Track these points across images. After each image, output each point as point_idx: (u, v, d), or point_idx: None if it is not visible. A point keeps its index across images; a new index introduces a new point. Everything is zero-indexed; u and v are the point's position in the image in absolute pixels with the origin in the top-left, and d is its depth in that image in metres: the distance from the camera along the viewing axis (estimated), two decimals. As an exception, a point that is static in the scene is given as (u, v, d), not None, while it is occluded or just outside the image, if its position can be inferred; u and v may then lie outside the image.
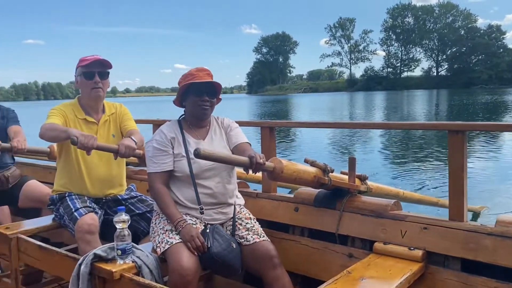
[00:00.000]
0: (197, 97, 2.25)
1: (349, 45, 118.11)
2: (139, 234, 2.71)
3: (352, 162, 2.39)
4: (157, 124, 3.49)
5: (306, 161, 2.32)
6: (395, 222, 2.20)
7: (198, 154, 1.83)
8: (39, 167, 4.24)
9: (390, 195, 2.97)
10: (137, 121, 2.98)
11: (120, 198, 2.79)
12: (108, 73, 2.72)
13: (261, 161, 1.98)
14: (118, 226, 1.98)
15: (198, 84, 2.23)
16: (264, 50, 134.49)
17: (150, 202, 2.77)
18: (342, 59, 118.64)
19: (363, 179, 2.48)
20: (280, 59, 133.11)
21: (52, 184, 3.41)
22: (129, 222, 2.02)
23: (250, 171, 1.99)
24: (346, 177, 2.42)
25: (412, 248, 2.11)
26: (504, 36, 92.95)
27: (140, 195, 2.86)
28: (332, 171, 2.34)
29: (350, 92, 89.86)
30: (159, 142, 2.27)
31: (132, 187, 2.98)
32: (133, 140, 2.53)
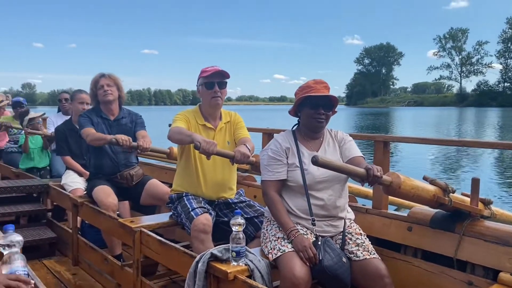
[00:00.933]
0: (312, 109, 2.28)
1: (460, 57, 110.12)
2: (246, 238, 2.80)
3: (475, 184, 2.22)
4: (266, 133, 3.60)
5: (425, 179, 2.21)
6: None
7: (316, 162, 1.85)
8: (156, 167, 4.61)
9: (517, 223, 2.69)
10: (248, 129, 3.10)
11: (230, 201, 2.92)
12: (226, 82, 2.88)
13: (378, 174, 1.94)
14: (234, 228, 2.07)
15: (315, 97, 2.25)
16: (366, 61, 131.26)
17: (258, 207, 2.86)
18: (452, 72, 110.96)
19: (487, 203, 2.29)
20: (383, 71, 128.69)
21: (167, 183, 3.70)
22: (244, 226, 2.10)
23: (366, 184, 1.96)
24: (467, 199, 2.25)
25: (546, 284, 1.89)
26: None
27: (248, 200, 2.96)
28: (454, 192, 2.20)
29: (459, 108, 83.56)
30: (274, 151, 2.33)
31: (241, 192, 3.10)
32: (248, 148, 2.64)
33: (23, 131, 5.20)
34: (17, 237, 1.47)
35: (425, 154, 13.45)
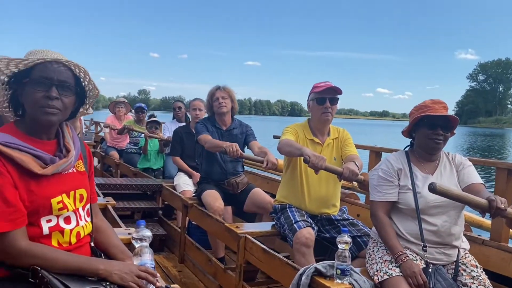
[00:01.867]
0: (430, 130, 2.18)
1: None
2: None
3: None
4: (374, 151, 3.52)
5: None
6: None
7: (433, 189, 1.77)
8: (259, 177, 4.76)
9: None
10: (355, 146, 3.06)
11: (333, 218, 2.91)
12: (338, 99, 2.89)
13: (502, 206, 1.80)
14: (340, 246, 2.06)
15: (433, 116, 2.16)
16: (481, 77, 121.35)
17: (362, 227, 2.80)
18: None
19: None
20: (500, 88, 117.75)
21: (269, 193, 3.80)
22: (351, 245, 2.09)
23: (487, 215, 1.83)
24: None
25: None
26: None
27: (352, 219, 2.92)
28: None
29: None
30: (385, 171, 2.28)
31: (344, 209, 3.07)
32: (357, 166, 2.62)
33: (143, 134, 5.73)
34: (148, 233, 1.64)
35: None
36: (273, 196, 3.63)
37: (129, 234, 2.47)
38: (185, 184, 4.38)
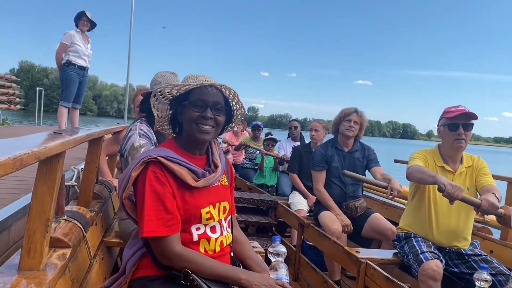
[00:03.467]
0: None
1: None
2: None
3: None
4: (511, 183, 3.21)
5: None
6: None
7: None
8: (377, 202, 4.62)
9: None
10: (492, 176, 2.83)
11: (463, 252, 2.71)
12: (473, 124, 2.71)
13: None
14: (478, 283, 1.95)
15: None
16: None
17: (496, 265, 2.57)
18: None
19: None
20: None
21: (387, 219, 3.66)
22: (490, 283, 1.93)
23: None
24: None
25: None
26: None
27: (485, 255, 2.69)
28: None
29: None
30: None
31: (476, 243, 2.84)
32: (497, 198, 2.42)
33: (259, 151, 5.94)
34: (283, 248, 1.72)
35: None
36: (393, 223, 3.49)
37: (253, 247, 2.58)
38: (299, 203, 4.44)
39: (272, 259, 1.70)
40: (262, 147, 6.02)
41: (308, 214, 4.32)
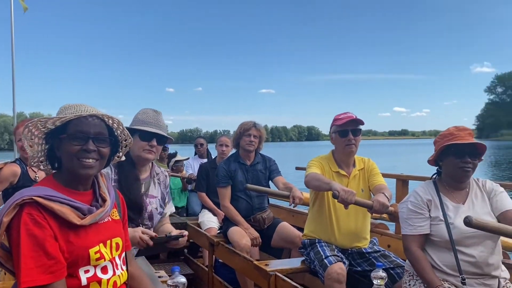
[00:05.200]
0: (458, 158, 2.14)
1: None
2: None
3: None
4: (400, 179, 3.46)
5: None
6: None
7: (469, 223, 1.72)
8: (283, 210, 4.71)
9: None
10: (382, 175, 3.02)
11: (364, 251, 2.85)
12: (360, 130, 2.87)
13: None
14: (375, 282, 2.01)
15: (461, 145, 2.12)
16: (499, 89, 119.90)
17: (394, 258, 2.73)
18: None
19: None
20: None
21: (295, 226, 3.75)
22: (386, 280, 2.03)
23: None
24: None
25: None
26: None
27: (383, 250, 2.85)
28: None
29: None
30: (414, 204, 2.23)
31: (375, 240, 3.00)
32: (386, 197, 2.57)
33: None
34: (182, 279, 1.64)
35: None
36: (300, 229, 3.58)
37: (159, 277, 2.47)
38: (209, 221, 4.37)
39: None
40: (168, 168, 5.85)
41: (219, 231, 4.27)
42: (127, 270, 1.63)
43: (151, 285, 1.74)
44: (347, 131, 2.80)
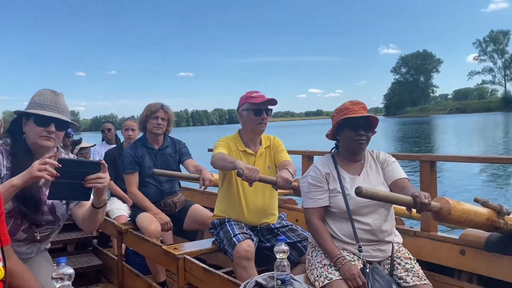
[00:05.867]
0: (352, 131, 2.22)
1: (503, 60, 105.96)
2: (290, 263, 2.75)
3: (533, 203, 2.08)
4: (305, 155, 3.55)
5: (476, 201, 2.10)
6: None
7: (360, 193, 1.79)
8: (196, 192, 4.65)
9: None
10: (288, 152, 3.06)
11: (272, 226, 2.89)
12: (272, 110, 2.88)
13: (426, 201, 1.85)
14: (278, 256, 2.03)
15: (354, 118, 2.20)
16: (403, 70, 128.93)
17: (301, 232, 2.81)
18: (495, 76, 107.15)
19: (547, 222, 2.14)
20: (421, 79, 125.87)
21: (209, 208, 3.72)
22: (288, 253, 2.06)
23: (414, 211, 1.88)
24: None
25: None
26: None
27: (290, 225, 2.92)
28: (509, 214, 2.07)
29: (506, 113, 79.87)
30: (314, 178, 2.29)
31: (283, 216, 3.06)
32: (290, 173, 2.61)
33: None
34: (69, 270, 1.50)
35: (472, 171, 12.55)
36: (213, 210, 3.55)
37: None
38: (118, 209, 4.17)
39: (57, 285, 1.47)
40: (77, 155, 5.47)
41: (129, 219, 4.10)
42: (4, 267, 1.46)
43: (36, 281, 1.59)
44: (262, 110, 2.78)
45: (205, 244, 3.02)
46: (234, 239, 2.63)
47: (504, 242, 2.17)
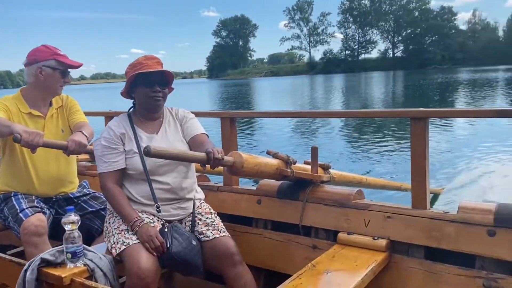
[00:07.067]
0: (147, 88, 2.10)
1: (308, 28, 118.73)
2: (93, 233, 2.57)
3: (314, 152, 2.33)
4: (109, 116, 3.30)
5: (268, 153, 2.24)
6: (359, 211, 2.17)
7: (148, 153, 1.70)
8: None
9: (354, 183, 2.94)
10: (88, 114, 2.80)
11: (71, 196, 2.63)
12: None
13: (219, 156, 1.87)
14: (67, 227, 1.84)
15: (148, 73, 2.07)
16: (224, 33, 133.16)
17: (104, 199, 2.62)
18: (302, 42, 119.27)
19: (326, 168, 2.43)
20: (240, 43, 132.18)
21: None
22: (79, 223, 1.88)
23: (208, 167, 1.88)
24: (309, 167, 2.35)
25: (376, 238, 2.08)
26: (455, 17, 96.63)
27: (93, 192, 2.70)
28: (295, 162, 2.27)
29: (310, 76, 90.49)
30: (107, 139, 2.12)
31: (85, 183, 2.81)
32: (84, 135, 2.37)
33: None
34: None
35: (286, 126, 13.83)
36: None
37: None
38: None
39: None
40: None
41: None
42: None
43: None
44: (67, 71, 2.52)
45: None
46: (20, 214, 2.30)
47: (292, 188, 2.40)
